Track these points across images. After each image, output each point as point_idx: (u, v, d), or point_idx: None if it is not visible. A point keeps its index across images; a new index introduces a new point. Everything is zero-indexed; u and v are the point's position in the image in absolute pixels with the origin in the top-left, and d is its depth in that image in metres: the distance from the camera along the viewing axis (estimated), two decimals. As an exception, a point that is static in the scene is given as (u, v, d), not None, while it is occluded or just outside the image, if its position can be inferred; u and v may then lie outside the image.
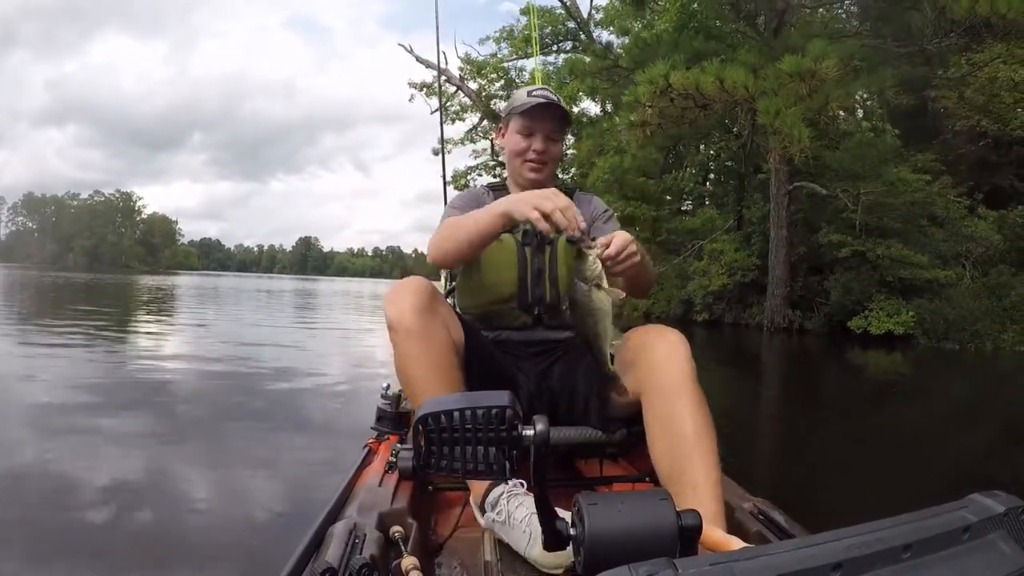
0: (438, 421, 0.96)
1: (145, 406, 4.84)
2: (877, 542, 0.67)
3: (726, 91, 10.07)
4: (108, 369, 6.53)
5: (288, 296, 31.08)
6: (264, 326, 13.26)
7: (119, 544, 2.45)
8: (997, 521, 0.76)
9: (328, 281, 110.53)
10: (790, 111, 9.54)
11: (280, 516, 2.79)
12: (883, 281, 16.50)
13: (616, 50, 21.34)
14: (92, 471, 3.23)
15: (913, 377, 10.56)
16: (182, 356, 7.83)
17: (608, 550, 0.85)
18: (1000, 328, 15.01)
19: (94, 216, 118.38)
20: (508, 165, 2.21)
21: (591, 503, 0.88)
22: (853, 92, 11.17)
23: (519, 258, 2.04)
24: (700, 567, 0.62)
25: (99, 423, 4.25)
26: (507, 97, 28.94)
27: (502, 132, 2.22)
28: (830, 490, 3.69)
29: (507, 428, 0.96)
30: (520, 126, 2.12)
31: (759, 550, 0.66)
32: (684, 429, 1.55)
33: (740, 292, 19.55)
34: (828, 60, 9.28)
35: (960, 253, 17.14)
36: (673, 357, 1.65)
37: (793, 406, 7.09)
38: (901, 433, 5.58)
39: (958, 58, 15.55)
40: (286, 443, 4.06)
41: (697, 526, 0.90)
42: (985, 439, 5.56)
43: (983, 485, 0.81)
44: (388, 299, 1.71)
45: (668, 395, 1.60)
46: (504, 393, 0.98)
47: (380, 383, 2.43)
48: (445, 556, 1.67)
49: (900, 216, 17.22)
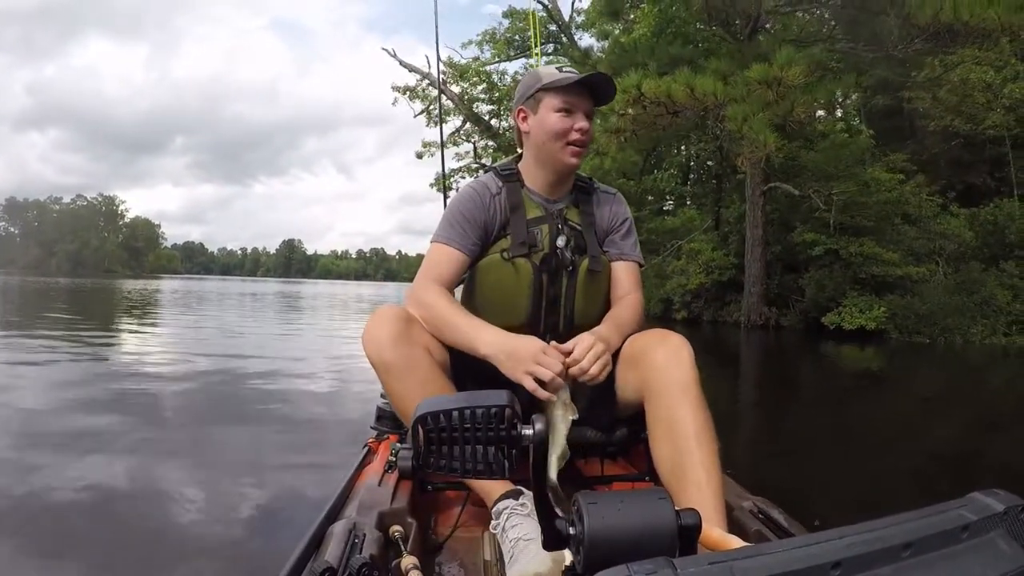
0: (437, 421, 0.96)
1: (132, 411, 4.75)
2: (876, 541, 0.67)
3: (696, 98, 10.40)
4: (99, 376, 6.34)
5: (273, 299, 30.81)
6: (251, 333, 12.99)
7: (117, 546, 2.46)
8: (997, 520, 0.76)
9: (312, 284, 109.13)
10: (757, 117, 9.87)
11: (276, 516, 2.79)
12: (856, 278, 16.92)
13: (596, 54, 21.62)
14: (82, 476, 3.18)
15: (886, 370, 10.85)
16: (171, 361, 7.70)
17: (607, 549, 0.84)
18: (969, 322, 15.41)
19: (77, 220, 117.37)
20: (539, 149, 1.95)
21: (590, 502, 0.87)
22: (819, 98, 11.49)
23: (534, 284, 1.89)
24: (699, 566, 0.62)
25: (88, 428, 4.20)
26: (496, 99, 29.16)
27: (524, 115, 1.99)
28: (810, 480, 3.81)
29: (506, 427, 0.96)
30: (559, 103, 1.89)
31: (758, 549, 0.67)
32: (686, 431, 1.55)
33: (718, 290, 19.94)
34: (794, 68, 9.64)
35: (933, 250, 17.53)
36: (675, 361, 1.63)
37: (770, 399, 7.34)
38: (876, 425, 5.75)
39: (932, 60, 15.89)
40: (279, 444, 4.02)
41: (696, 525, 0.89)
42: (958, 430, 5.79)
43: (958, 474, 0.98)
44: (365, 335, 1.69)
45: (671, 398, 1.60)
46: (503, 392, 0.99)
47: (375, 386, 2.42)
48: (445, 556, 1.67)
49: (873, 215, 17.61)
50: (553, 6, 26.86)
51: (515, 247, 1.88)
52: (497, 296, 1.91)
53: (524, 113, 1.98)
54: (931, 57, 15.57)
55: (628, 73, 10.81)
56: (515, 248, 1.88)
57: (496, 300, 1.91)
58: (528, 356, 1.54)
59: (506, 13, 28.72)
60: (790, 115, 10.60)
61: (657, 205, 26.45)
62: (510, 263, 1.87)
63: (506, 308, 1.89)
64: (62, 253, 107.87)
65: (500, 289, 1.90)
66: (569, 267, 1.91)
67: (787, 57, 9.74)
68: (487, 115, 29.77)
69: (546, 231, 1.92)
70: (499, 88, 29.21)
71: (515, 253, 1.88)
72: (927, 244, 17.63)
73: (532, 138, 1.96)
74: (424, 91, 29.13)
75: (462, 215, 1.89)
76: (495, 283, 1.90)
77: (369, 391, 5.04)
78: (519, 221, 1.92)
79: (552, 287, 1.91)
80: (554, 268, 1.90)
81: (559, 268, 1.91)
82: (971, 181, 20.61)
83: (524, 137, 2.01)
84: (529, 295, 1.89)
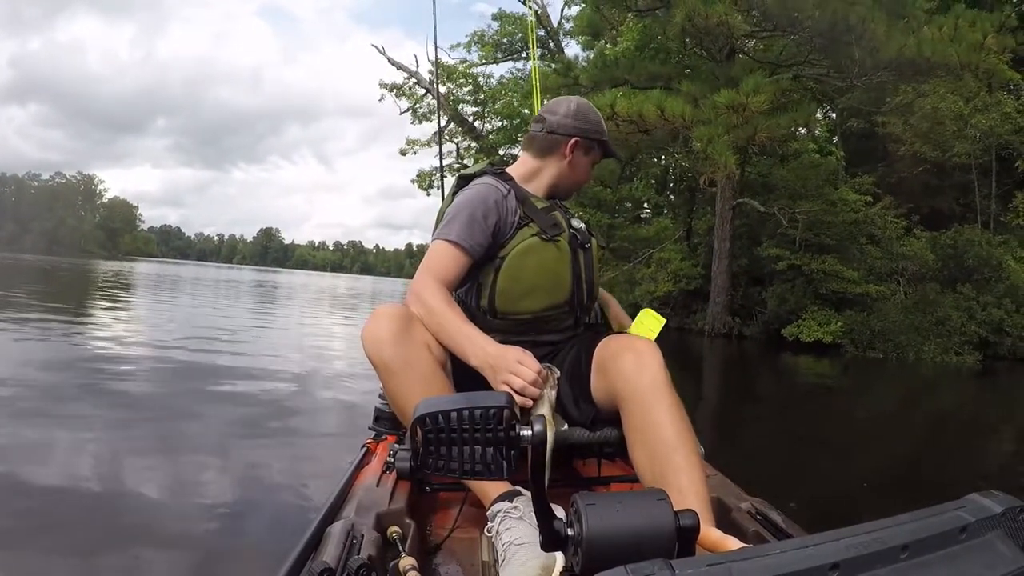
0: (436, 421, 0.97)
1: (119, 403, 4.71)
2: (875, 542, 0.68)
3: (666, 119, 10.93)
4: (86, 366, 6.03)
5: (254, 289, 30.34)
6: (244, 326, 12.70)
7: (114, 548, 2.43)
8: (994, 521, 0.77)
9: (289, 274, 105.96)
10: (721, 139, 10.43)
11: (274, 516, 2.81)
12: (817, 293, 17.53)
13: (581, 63, 22.00)
14: (71, 471, 3.20)
15: (839, 381, 11.44)
16: (143, 344, 7.78)
17: (605, 550, 0.85)
18: (923, 340, 15.95)
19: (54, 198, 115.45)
20: (566, 179, 2.10)
21: (588, 503, 0.88)
22: (782, 125, 12.05)
23: (573, 262, 1.95)
24: (697, 568, 0.62)
25: (76, 416, 4.23)
26: (480, 101, 29.39)
27: (576, 146, 2.06)
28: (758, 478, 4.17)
29: (505, 428, 0.97)
30: (596, 156, 2.11)
31: (756, 550, 0.67)
32: (661, 436, 1.52)
33: (685, 299, 20.47)
34: (759, 95, 10.21)
35: (895, 270, 18.12)
36: (641, 367, 1.61)
37: (728, 402, 7.82)
38: (825, 429, 6.27)
39: (905, 87, 16.31)
40: (278, 444, 4.00)
41: (695, 526, 0.90)
42: (901, 436, 6.26)
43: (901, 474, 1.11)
44: (365, 334, 1.69)
45: (642, 405, 1.57)
46: (502, 394, 1.01)
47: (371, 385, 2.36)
48: (443, 556, 1.67)
49: (837, 234, 18.16)
50: (542, 11, 27.23)
51: (549, 229, 1.93)
52: (542, 277, 1.92)
53: (578, 145, 2.07)
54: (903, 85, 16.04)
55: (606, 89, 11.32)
56: (550, 230, 1.92)
57: (541, 281, 1.92)
58: (504, 366, 1.59)
59: (495, 16, 29.00)
60: (752, 139, 11.12)
61: (635, 213, 26.68)
62: (552, 243, 1.90)
63: (552, 287, 1.93)
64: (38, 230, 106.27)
65: (544, 269, 1.91)
66: (586, 245, 2.01)
67: (753, 84, 10.32)
68: (471, 116, 29.96)
69: (559, 216, 1.99)
70: (484, 91, 29.54)
71: (552, 234, 1.92)
72: (889, 264, 18.15)
73: (570, 168, 2.08)
74: (411, 89, 29.30)
75: (481, 216, 1.89)
76: (538, 265, 1.91)
77: (368, 391, 4.97)
78: (536, 211, 1.96)
79: (576, 265, 1.97)
80: (578, 247, 1.98)
81: (580, 247, 1.99)
82: (937, 206, 20.97)
83: (557, 158, 2.09)
84: (570, 272, 1.94)
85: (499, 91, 29.38)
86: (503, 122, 29.04)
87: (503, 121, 29.01)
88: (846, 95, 17.84)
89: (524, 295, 1.91)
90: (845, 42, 13.09)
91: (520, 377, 1.56)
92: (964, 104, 18.28)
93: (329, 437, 4.28)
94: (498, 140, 28.82)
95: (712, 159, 10.84)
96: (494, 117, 29.66)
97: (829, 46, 13.84)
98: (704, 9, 11.20)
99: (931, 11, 13.33)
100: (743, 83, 10.60)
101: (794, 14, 12.42)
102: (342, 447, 3.56)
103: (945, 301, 16.68)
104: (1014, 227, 18.81)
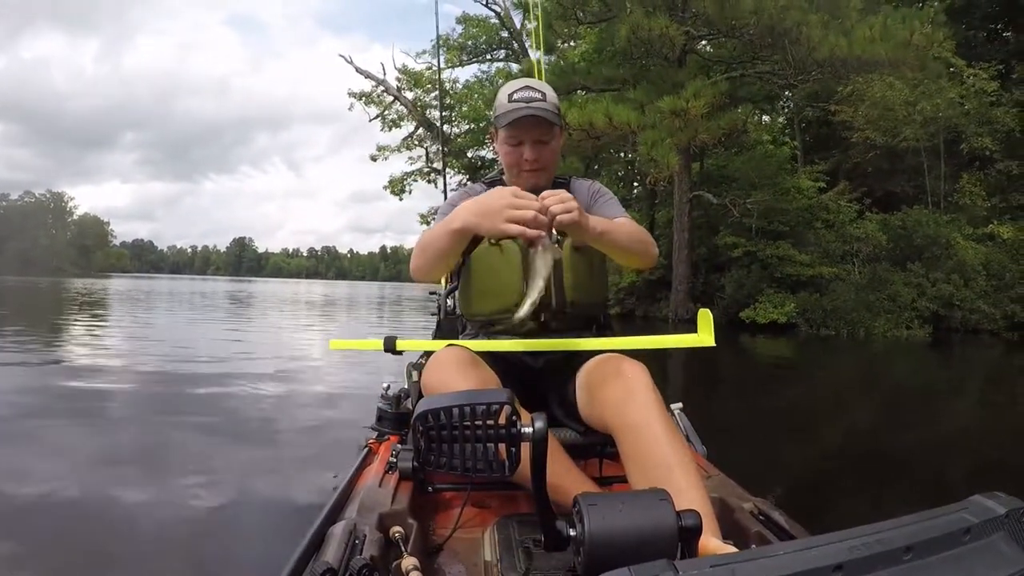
0: (437, 418, 0.96)
1: (114, 414, 4.79)
2: (878, 543, 0.68)
3: (614, 126, 11.74)
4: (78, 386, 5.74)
5: (223, 299, 29.32)
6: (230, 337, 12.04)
7: (113, 547, 2.47)
8: (998, 523, 0.76)
9: (263, 282, 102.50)
10: (664, 142, 11.28)
11: (275, 517, 2.80)
12: (773, 277, 18.47)
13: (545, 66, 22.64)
14: (61, 479, 3.18)
15: (793, 358, 12.26)
16: (155, 365, 7.31)
17: (608, 551, 0.84)
18: (874, 317, 16.87)
19: (25, 218, 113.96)
20: (507, 171, 2.03)
21: (591, 503, 0.87)
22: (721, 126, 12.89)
23: (523, 263, 1.78)
24: (701, 569, 0.62)
25: (78, 428, 4.25)
26: (448, 106, 29.50)
27: (492, 138, 2.04)
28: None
29: (506, 425, 0.96)
30: (506, 136, 1.93)
31: (759, 552, 0.67)
32: (656, 458, 1.44)
33: (649, 288, 21.34)
34: (699, 99, 11.03)
35: (849, 252, 19.03)
36: (629, 394, 1.55)
37: (692, 386, 7.92)
38: (780, 402, 6.62)
39: (855, 77, 16.88)
40: (277, 444, 4.04)
41: (697, 527, 0.90)
42: (844, 403, 6.80)
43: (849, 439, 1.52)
44: (428, 373, 1.66)
45: (633, 434, 1.50)
46: (503, 390, 0.99)
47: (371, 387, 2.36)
48: (445, 556, 1.64)
49: (791, 220, 19.11)
50: (505, 13, 27.77)
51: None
52: (490, 281, 1.93)
53: (492, 137, 2.05)
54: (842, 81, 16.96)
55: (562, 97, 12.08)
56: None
57: (490, 285, 1.93)
58: (502, 205, 1.49)
59: (459, 19, 29.45)
60: (694, 140, 11.86)
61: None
62: (496, 246, 1.85)
63: (500, 290, 1.89)
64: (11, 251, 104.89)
65: (492, 273, 1.91)
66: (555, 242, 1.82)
67: (694, 90, 11.13)
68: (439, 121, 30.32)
69: None
70: (451, 95, 30.02)
71: (499, 237, 1.73)
72: (842, 247, 19.04)
73: (501, 160, 2.03)
74: (379, 96, 29.82)
75: (453, 204, 1.93)
76: (487, 269, 1.92)
77: (367, 391, 5.00)
78: None
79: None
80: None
81: None
82: (891, 189, 21.80)
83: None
84: (519, 272, 1.83)
85: (465, 95, 29.97)
86: (470, 125, 29.62)
87: (470, 124, 29.59)
88: (800, 87, 18.44)
89: (477, 298, 1.98)
90: (780, 46, 13.96)
91: (526, 208, 1.48)
92: (911, 91, 19.06)
93: (329, 437, 4.21)
94: (466, 143, 29.46)
95: (656, 162, 11.64)
96: (461, 120, 30.20)
97: (774, 45, 14.51)
98: (647, 23, 12.03)
99: (864, 11, 14.10)
100: (685, 88, 11.42)
101: (732, 21, 13.27)
102: (342, 447, 3.53)
103: (895, 279, 17.57)
104: (962, 206, 19.69)
